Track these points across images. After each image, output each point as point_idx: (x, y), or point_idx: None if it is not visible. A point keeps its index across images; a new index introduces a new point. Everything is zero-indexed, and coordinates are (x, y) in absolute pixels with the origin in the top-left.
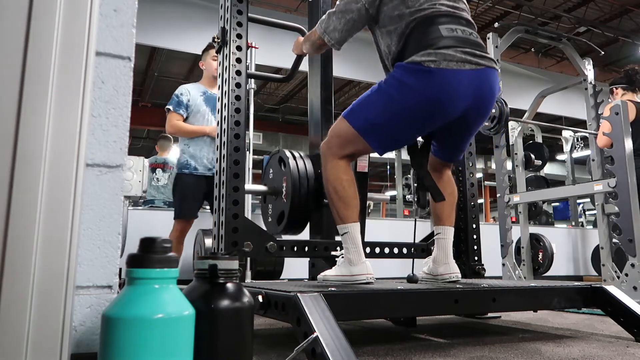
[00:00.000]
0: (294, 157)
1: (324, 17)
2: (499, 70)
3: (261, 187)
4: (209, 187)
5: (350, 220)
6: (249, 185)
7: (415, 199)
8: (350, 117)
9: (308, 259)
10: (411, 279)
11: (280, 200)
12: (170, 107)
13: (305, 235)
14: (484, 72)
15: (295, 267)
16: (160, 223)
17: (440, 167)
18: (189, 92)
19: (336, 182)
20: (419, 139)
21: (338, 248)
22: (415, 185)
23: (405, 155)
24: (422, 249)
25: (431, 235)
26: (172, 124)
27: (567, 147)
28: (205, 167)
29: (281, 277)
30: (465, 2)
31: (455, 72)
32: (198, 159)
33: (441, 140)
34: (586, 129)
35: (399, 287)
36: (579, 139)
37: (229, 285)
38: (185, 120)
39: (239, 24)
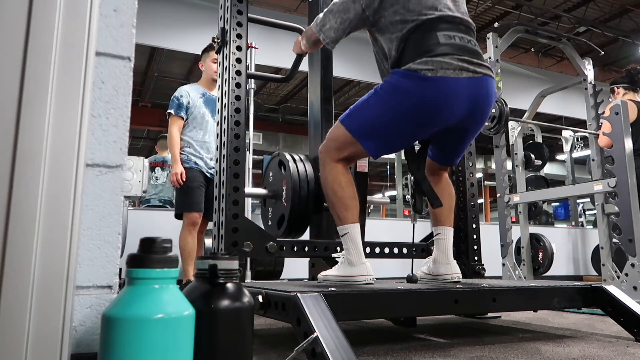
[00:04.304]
0: (294, 160)
1: (320, 14)
2: (495, 78)
3: (261, 191)
4: (208, 185)
5: (349, 221)
6: (249, 189)
7: (412, 203)
8: (346, 122)
9: (308, 259)
10: (410, 279)
11: (280, 203)
12: (172, 111)
13: (305, 235)
14: (481, 80)
15: (295, 267)
16: (160, 223)
17: (437, 170)
18: (189, 93)
19: (334, 183)
20: (416, 143)
21: (338, 249)
22: (412, 189)
23: (399, 150)
24: (422, 249)
25: (431, 235)
26: (172, 132)
27: (567, 147)
28: (204, 164)
29: (281, 277)
30: (465, 5)
31: (452, 79)
32: (197, 157)
33: (438, 145)
34: (586, 129)
35: (399, 287)
36: (579, 139)
37: (229, 285)
38: (185, 121)
39: (239, 24)
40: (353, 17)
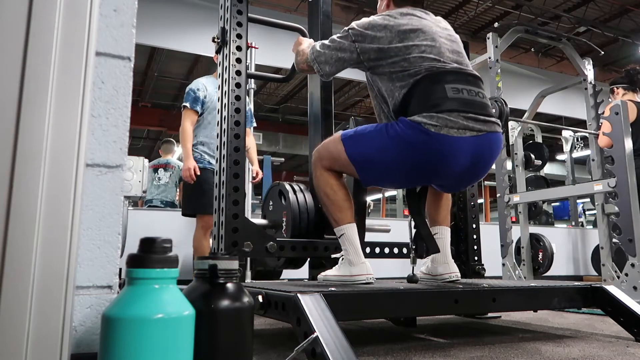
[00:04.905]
0: (294, 191)
1: (317, 44)
2: (502, 131)
3: (261, 221)
4: None
5: (344, 222)
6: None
7: (413, 248)
8: (347, 143)
9: (308, 259)
10: (411, 279)
11: (280, 234)
12: (187, 104)
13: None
14: (485, 138)
15: None
16: (160, 223)
17: None
18: (206, 87)
19: (326, 186)
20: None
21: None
22: (413, 233)
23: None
24: None
25: None
26: (185, 126)
27: (567, 147)
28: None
29: (281, 277)
30: (467, 58)
31: (454, 139)
32: (211, 156)
33: (436, 185)
34: (586, 129)
35: (399, 287)
36: (579, 139)
37: (229, 285)
38: (200, 116)
39: (239, 24)
40: (348, 59)
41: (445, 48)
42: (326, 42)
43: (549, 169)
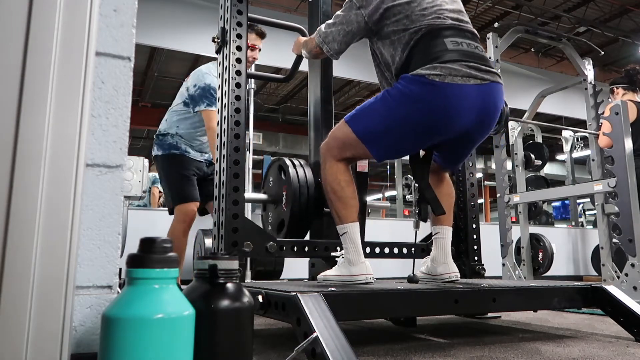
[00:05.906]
0: (294, 166)
1: (322, 26)
2: (502, 84)
3: (261, 196)
4: (202, 174)
5: (348, 220)
6: (249, 194)
7: (417, 212)
8: (352, 122)
9: (308, 259)
10: (412, 279)
11: (280, 208)
12: (212, 107)
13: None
14: (488, 87)
15: (295, 267)
16: (160, 223)
17: (438, 169)
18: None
19: (334, 182)
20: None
21: (338, 248)
22: (417, 197)
23: (405, 156)
24: (422, 249)
25: (430, 235)
26: (214, 128)
27: (567, 147)
28: (196, 151)
29: (281, 277)
30: (467, 16)
31: (459, 86)
32: (188, 142)
33: (443, 150)
34: (586, 129)
35: (399, 287)
36: (579, 139)
37: (229, 285)
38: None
39: (239, 24)
40: (356, 30)
41: (446, 7)
42: (330, 21)
43: (549, 169)
